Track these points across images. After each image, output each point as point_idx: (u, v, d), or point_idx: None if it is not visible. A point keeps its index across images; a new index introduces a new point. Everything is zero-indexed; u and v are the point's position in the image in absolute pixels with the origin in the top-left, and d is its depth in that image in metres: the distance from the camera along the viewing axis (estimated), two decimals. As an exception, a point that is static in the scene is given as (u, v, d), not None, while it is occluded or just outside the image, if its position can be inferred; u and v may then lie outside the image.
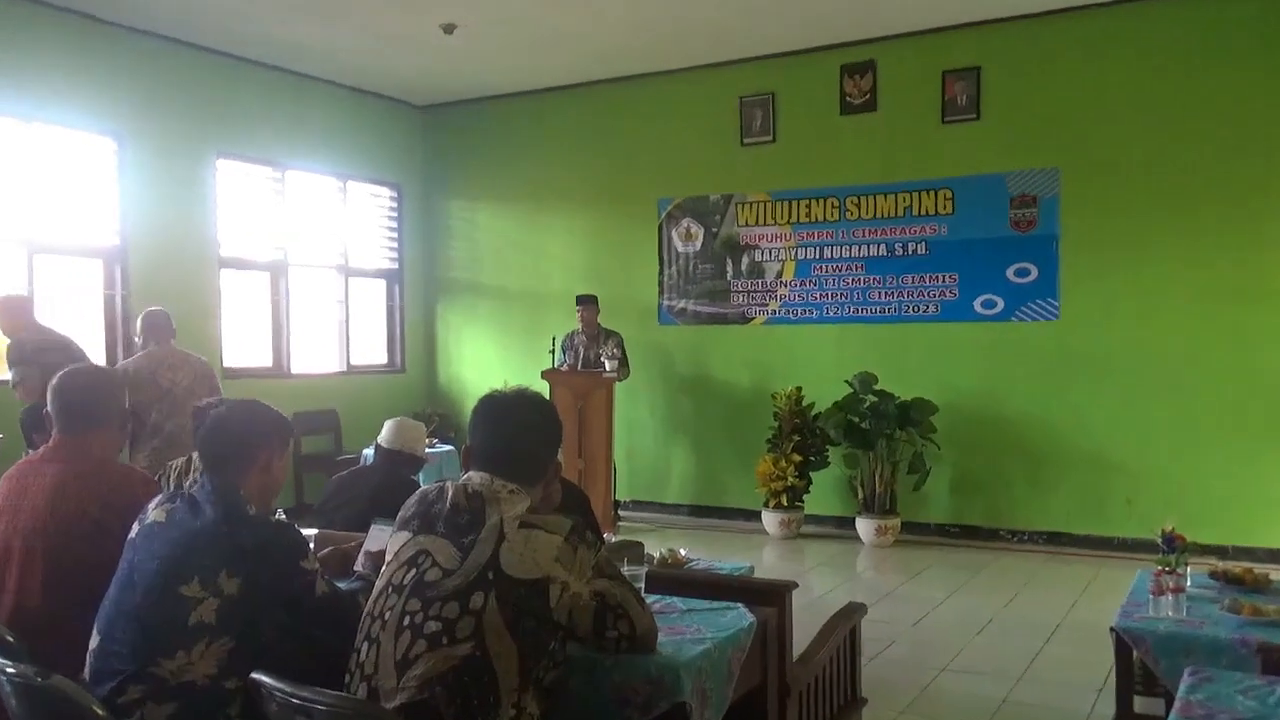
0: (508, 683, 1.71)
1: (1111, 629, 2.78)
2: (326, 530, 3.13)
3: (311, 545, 2.16)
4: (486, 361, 8.61)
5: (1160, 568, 2.89)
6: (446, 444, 7.43)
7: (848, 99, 7.15)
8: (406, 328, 8.80)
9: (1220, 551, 5.83)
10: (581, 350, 7.09)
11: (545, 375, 6.87)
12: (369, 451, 6.71)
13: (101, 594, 2.06)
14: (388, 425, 3.78)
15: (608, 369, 6.86)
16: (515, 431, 1.93)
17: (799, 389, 7.02)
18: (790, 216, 7.43)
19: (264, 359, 7.49)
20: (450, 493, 1.89)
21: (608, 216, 8.10)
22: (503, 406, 1.97)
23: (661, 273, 7.89)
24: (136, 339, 5.20)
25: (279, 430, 2.23)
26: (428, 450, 4.23)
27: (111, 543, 2.15)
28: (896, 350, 7.07)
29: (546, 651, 1.77)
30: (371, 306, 8.67)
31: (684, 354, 7.84)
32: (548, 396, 6.43)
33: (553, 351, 7.12)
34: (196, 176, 7.05)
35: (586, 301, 7.15)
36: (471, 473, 1.92)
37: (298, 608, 2.02)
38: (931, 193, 6.96)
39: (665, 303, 7.87)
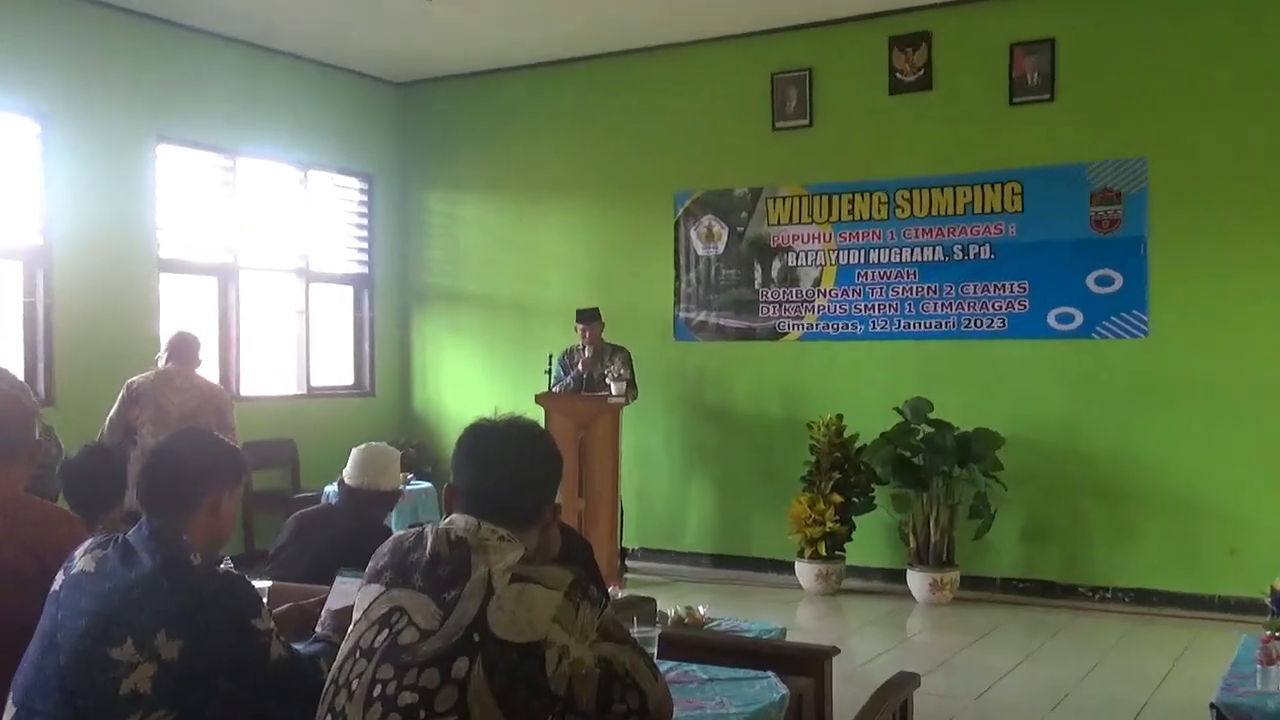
0: (496, 764, 1.69)
1: (1211, 705, 2.75)
2: (283, 583, 3.16)
3: (265, 601, 2.14)
4: (471, 383, 8.69)
5: (1269, 632, 2.89)
6: (424, 480, 7.52)
7: (898, 76, 7.20)
8: (377, 343, 8.86)
9: (1342, 613, 5.85)
10: (583, 370, 7.15)
11: (540, 399, 6.93)
12: (332, 489, 6.68)
13: (17, 656, 2.04)
14: (354, 457, 3.80)
15: (613, 392, 6.86)
16: (507, 468, 1.93)
17: (840, 417, 7.04)
18: (830, 214, 7.49)
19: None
20: (430, 539, 1.89)
21: (615, 213, 8.17)
22: (492, 438, 1.97)
23: (678, 279, 7.97)
24: (157, 359, 5.64)
25: (230, 465, 2.23)
26: (402, 487, 4.27)
27: (30, 594, 2.13)
28: (955, 372, 7.11)
29: (542, 728, 1.75)
30: (336, 318, 8.77)
31: (704, 375, 7.89)
32: (543, 424, 6.34)
33: (549, 371, 7.13)
34: (133, 165, 7.08)
35: (588, 318, 7.23)
36: (455, 516, 1.93)
37: (249, 675, 2.01)
38: (997, 186, 7.00)
39: (682, 315, 7.95)
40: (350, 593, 2.31)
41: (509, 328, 8.54)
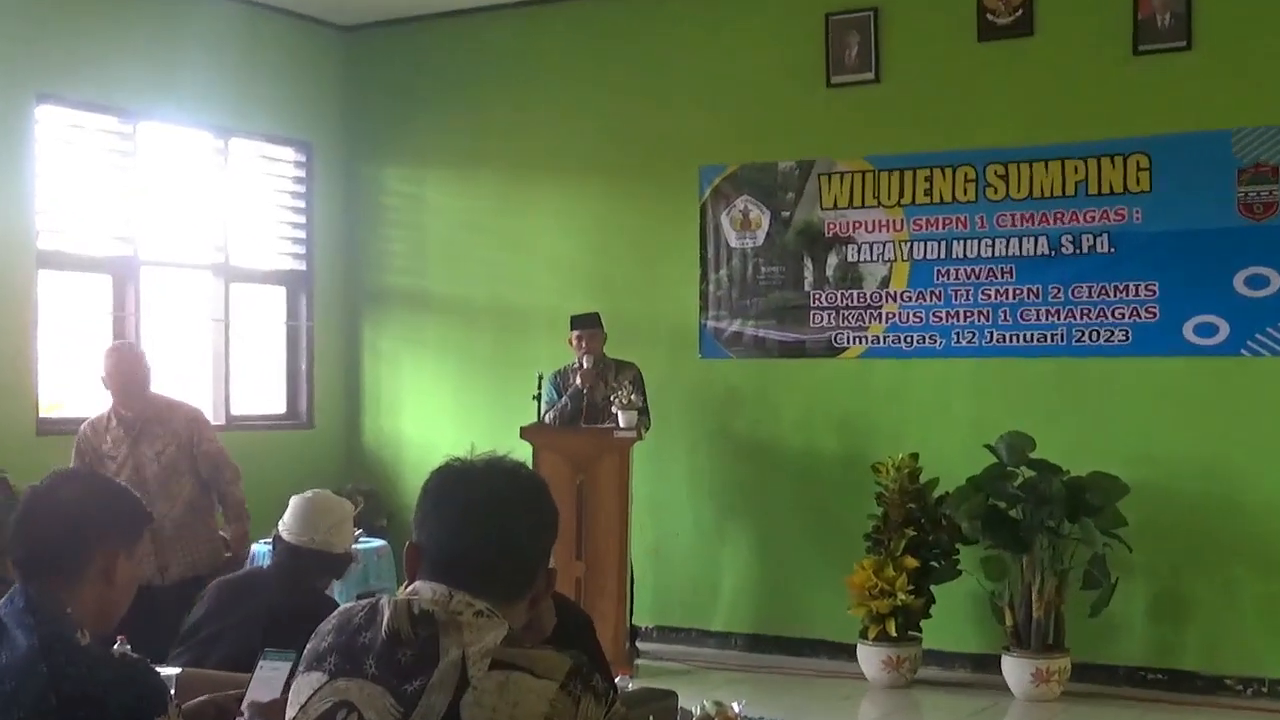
0: None
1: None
2: (197, 670, 3.18)
3: (173, 693, 2.17)
4: (437, 410, 8.71)
5: None
6: (376, 538, 7.60)
7: (989, 17, 7.24)
8: (317, 360, 8.86)
9: None
10: (582, 388, 7.22)
11: (527, 433, 6.99)
12: (261, 548, 6.70)
13: None
14: (297, 508, 3.85)
15: (621, 423, 6.92)
16: (487, 523, 1.96)
17: (914, 458, 7.05)
18: (901, 195, 7.50)
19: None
20: (386, 614, 1.90)
21: (624, 194, 8.21)
22: (468, 485, 1.99)
23: (705, 280, 8.00)
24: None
25: (128, 519, 2.24)
26: (352, 546, 4.26)
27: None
28: (1064, 400, 7.11)
29: None
30: (265, 328, 8.82)
31: (739, 402, 7.91)
32: (531, 466, 6.40)
33: (538, 397, 7.20)
34: (4, 131, 7.11)
35: (585, 324, 7.33)
36: (420, 584, 1.95)
37: (151, 790, 2.02)
38: (1118, 159, 7.02)
39: (710, 324, 7.98)
40: (277, 681, 2.33)
41: (487, 341, 8.56)
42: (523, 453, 6.60)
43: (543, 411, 7.20)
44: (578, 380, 7.23)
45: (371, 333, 9.04)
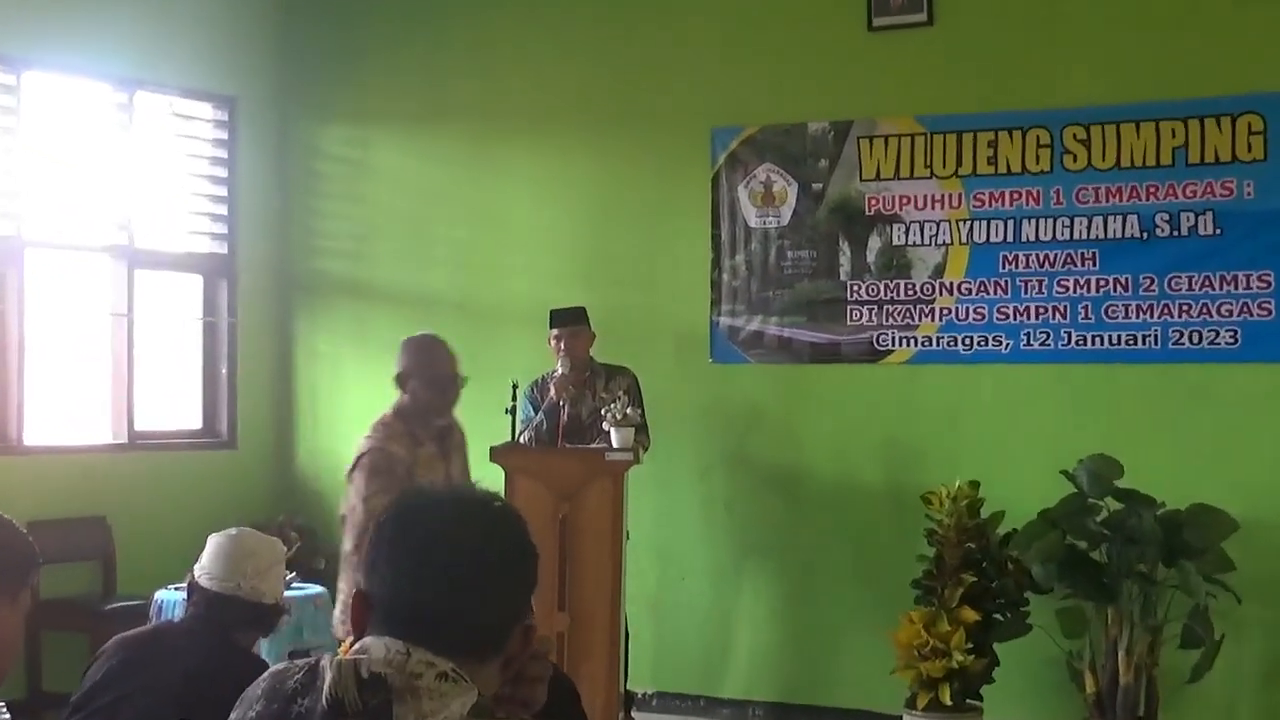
0: None
1: None
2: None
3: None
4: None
5: None
6: (312, 583, 7.59)
7: (1066, -53, 7.37)
8: (241, 363, 8.86)
9: None
10: (560, 403, 7.24)
11: (498, 455, 7.00)
12: (170, 595, 6.67)
13: None
14: (217, 548, 3.86)
15: (615, 442, 6.93)
16: (453, 569, 1.99)
17: (975, 486, 7.01)
18: (960, 163, 7.53)
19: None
20: (329, 678, 1.90)
21: (618, 161, 8.24)
22: (431, 522, 2.02)
23: (717, 266, 8.04)
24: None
25: (16, 560, 2.25)
26: (284, 595, 4.25)
27: None
28: (1159, 415, 7.13)
29: None
30: (177, 323, 8.86)
31: (759, 417, 7.95)
32: (505, 495, 6.35)
33: (512, 410, 7.18)
34: None
35: (567, 320, 7.39)
36: (370, 640, 1.96)
37: None
38: (1225, 121, 7.02)
39: (724, 321, 8.03)
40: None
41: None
42: (494, 479, 6.63)
43: (518, 430, 7.21)
44: (555, 394, 7.27)
45: (308, 331, 9.04)
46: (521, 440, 7.20)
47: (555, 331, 7.33)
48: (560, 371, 7.25)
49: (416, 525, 2.01)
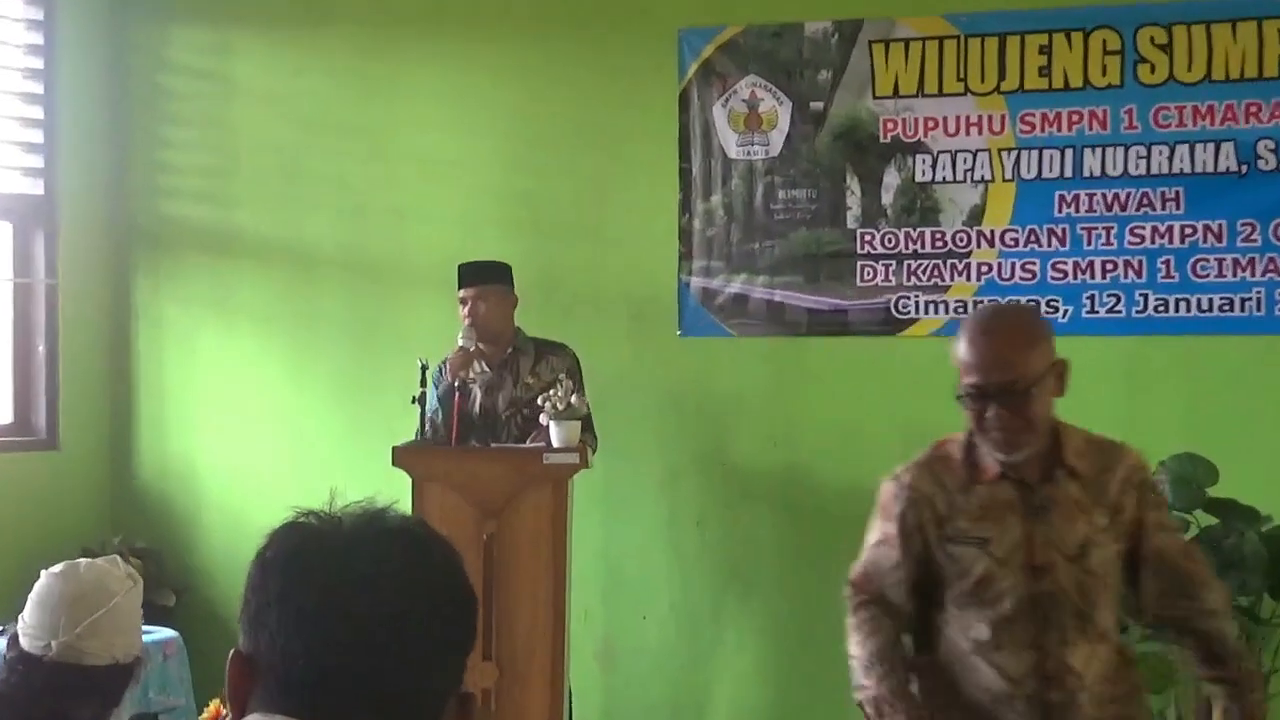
0: None
1: None
2: None
3: None
4: (259, 420, 8.83)
5: None
6: (158, 625, 7.58)
7: None
8: (64, 338, 8.82)
9: None
10: (471, 393, 7.36)
11: (402, 458, 7.10)
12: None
13: None
14: (47, 593, 3.90)
15: (555, 440, 6.99)
16: (373, 625, 2.02)
17: (1026, 495, 7.01)
18: (1003, 75, 7.54)
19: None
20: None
21: (556, 70, 8.29)
22: (338, 561, 2.05)
23: (688, 209, 8.04)
24: None
25: None
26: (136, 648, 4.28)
27: None
28: (1264, 404, 7.22)
29: None
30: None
31: (743, 408, 8.00)
32: (412, 509, 6.84)
33: (420, 399, 7.26)
34: None
35: (478, 278, 7.47)
36: (257, 718, 1.98)
37: None
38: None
39: (697, 282, 8.04)
40: None
41: (339, 309, 8.63)
42: (397, 488, 6.67)
43: (424, 422, 7.34)
44: (448, 373, 7.35)
45: (151, 296, 8.99)
46: (427, 437, 7.33)
47: (461, 293, 7.40)
48: (461, 345, 7.28)
49: (319, 568, 2.04)
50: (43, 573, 3.94)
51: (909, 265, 7.64)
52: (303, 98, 8.72)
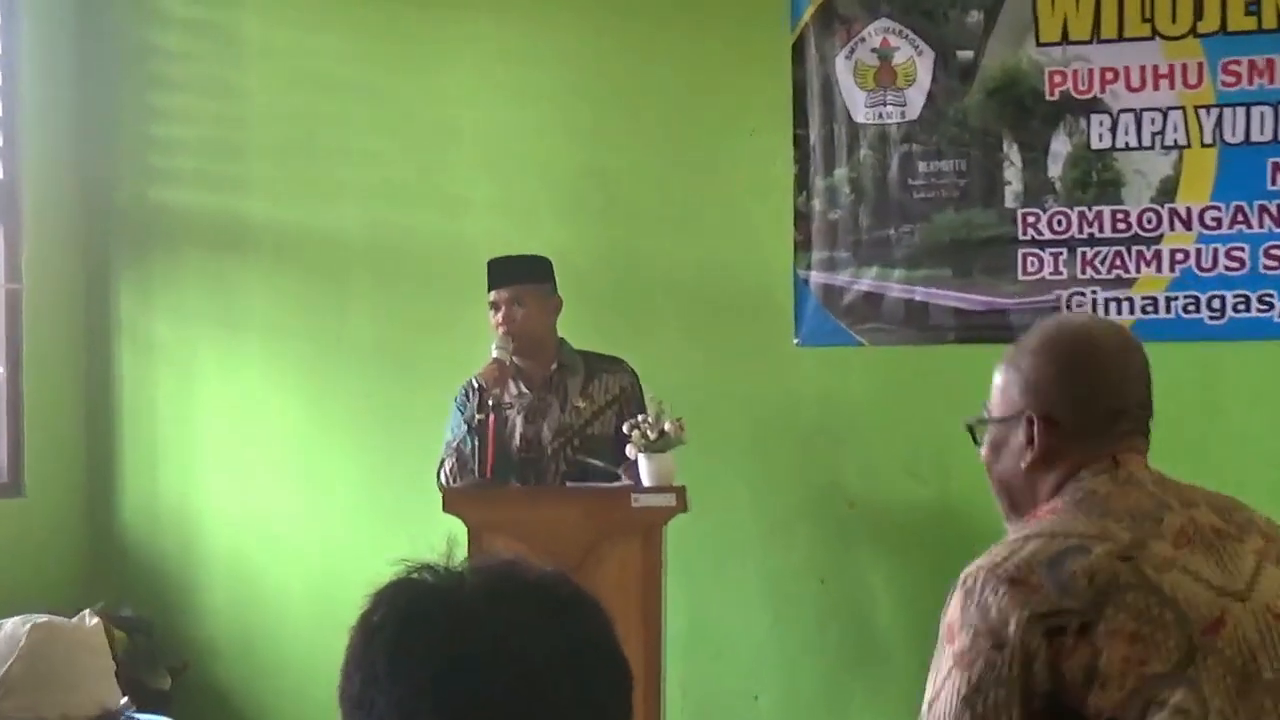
0: None
1: None
2: None
3: None
4: (274, 456, 8.81)
5: None
6: (150, 714, 7.58)
7: None
8: (29, 359, 8.80)
9: None
10: (491, 416, 7.26)
11: (454, 501, 7.10)
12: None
13: None
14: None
15: (647, 477, 6.93)
16: (510, 705, 2.03)
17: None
18: (1200, 13, 7.47)
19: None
20: None
21: (630, 23, 8.30)
22: (461, 628, 2.07)
23: (804, 186, 7.99)
24: None
25: None
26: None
27: None
28: None
29: None
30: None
31: (877, 431, 7.98)
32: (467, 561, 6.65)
33: (474, 427, 7.21)
34: None
35: (512, 276, 7.53)
36: None
37: None
38: None
39: (816, 276, 8.02)
40: None
41: (371, 321, 8.63)
42: (447, 527, 6.69)
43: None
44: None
45: (139, 305, 8.97)
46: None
47: (492, 295, 7.42)
48: (494, 356, 7.28)
49: (434, 632, 2.08)
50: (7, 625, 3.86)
51: (1084, 253, 7.58)
52: (324, 57, 8.69)
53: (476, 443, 7.18)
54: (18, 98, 8.74)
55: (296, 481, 8.64)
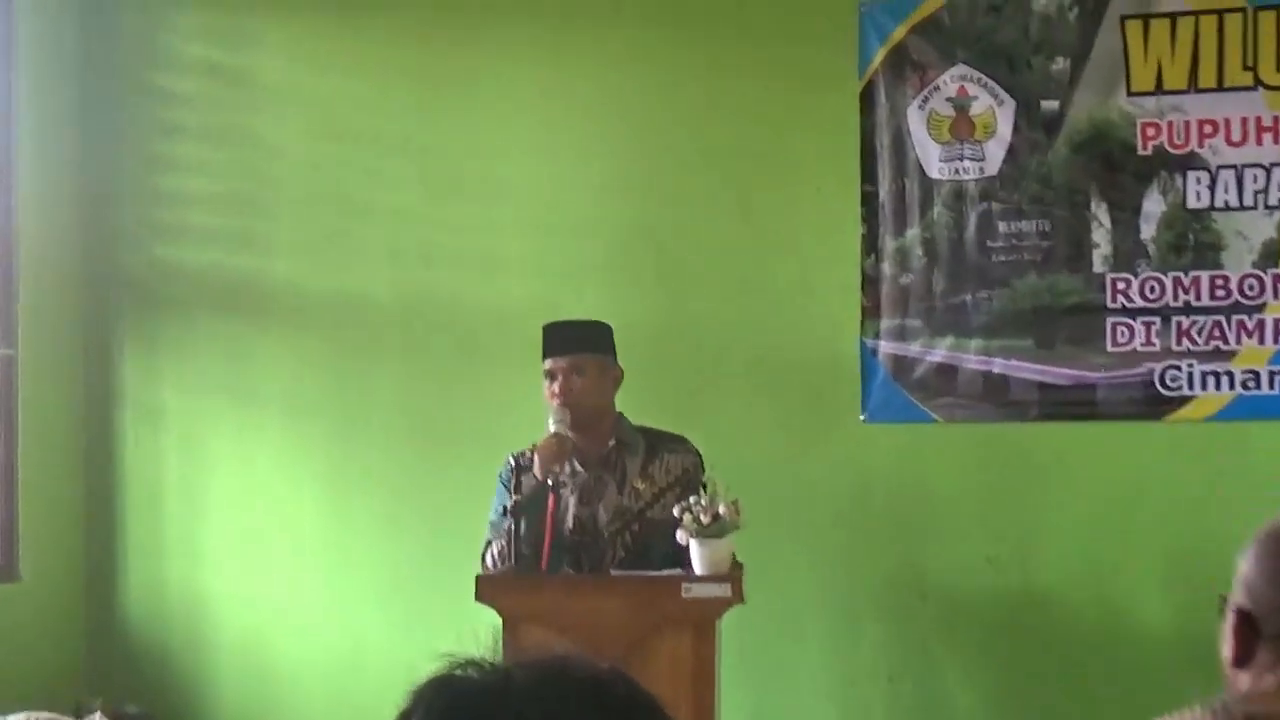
0: None
1: None
2: None
3: None
4: (288, 541, 8.75)
5: None
6: None
7: None
8: (22, 429, 8.79)
9: None
10: (562, 496, 7.26)
11: (487, 590, 7.07)
12: None
13: None
14: None
15: (699, 564, 6.86)
16: None
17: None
18: None
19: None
20: None
21: (688, 67, 8.28)
22: None
23: (873, 247, 8.04)
24: None
25: None
26: None
27: None
28: None
29: None
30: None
31: (952, 516, 7.96)
32: (502, 655, 6.68)
33: (513, 511, 7.08)
34: None
35: (571, 345, 7.48)
36: None
37: None
38: None
39: (885, 346, 8.05)
40: None
41: (400, 391, 8.63)
42: (469, 622, 5.87)
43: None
44: (537, 469, 7.23)
45: (141, 374, 9.00)
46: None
47: (549, 363, 7.32)
48: (552, 430, 7.21)
49: None
50: None
51: (1179, 323, 7.57)
52: (351, 103, 8.74)
53: (523, 524, 7.07)
54: (12, 143, 8.73)
55: (316, 568, 8.59)
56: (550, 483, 7.06)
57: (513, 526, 7.08)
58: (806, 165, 8.04)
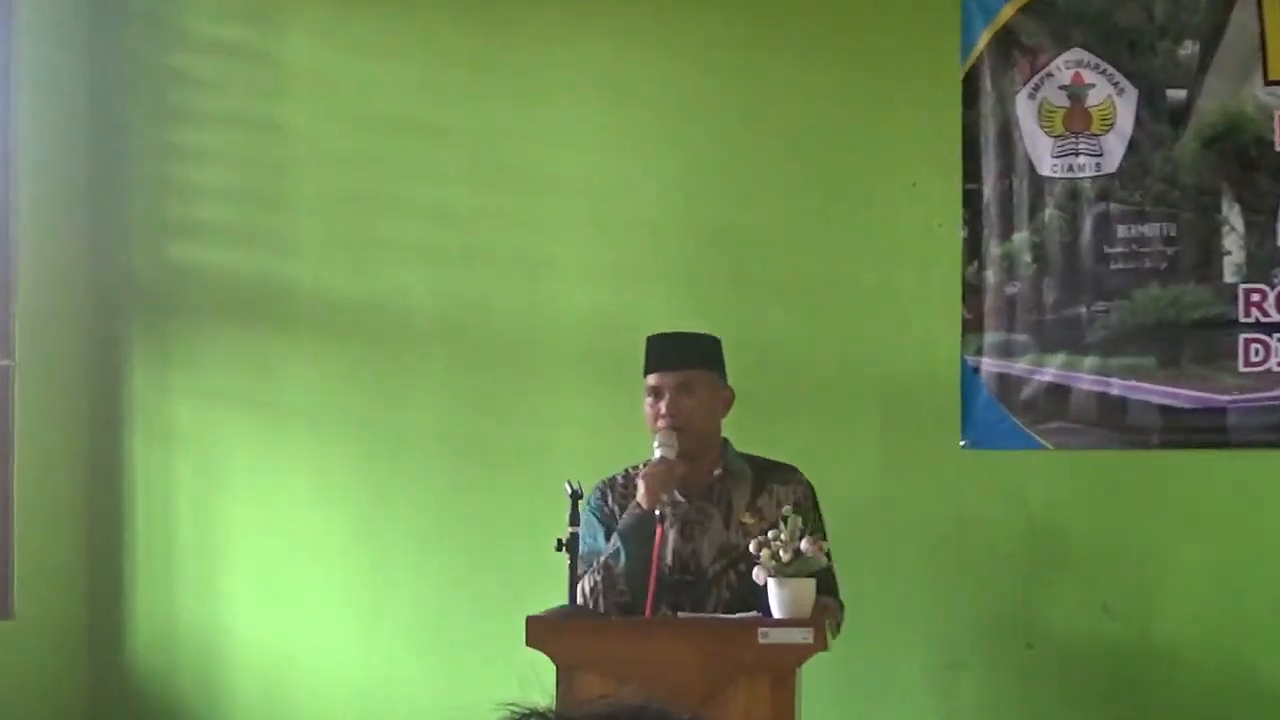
0: None
1: None
2: None
3: None
4: (315, 575, 8.69)
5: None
6: None
7: None
8: (20, 447, 8.69)
9: None
10: (668, 528, 7.10)
11: (538, 634, 6.87)
12: None
13: None
14: None
15: (778, 608, 6.66)
16: None
17: None
18: None
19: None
20: None
21: (769, 50, 8.23)
22: None
23: (976, 254, 7.99)
24: None
25: None
26: None
27: None
28: None
29: None
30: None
31: (1065, 553, 7.89)
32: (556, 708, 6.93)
33: (568, 544, 6.87)
34: None
35: (680, 359, 7.34)
36: None
37: None
38: None
39: (989, 363, 7.98)
40: None
41: (439, 408, 8.55)
42: (535, 677, 6.32)
43: (577, 579, 6.98)
44: (642, 497, 7.06)
45: (152, 386, 8.90)
46: (582, 599, 7.06)
47: (653, 379, 7.17)
48: (659, 454, 7.02)
49: None
50: None
51: None
52: (385, 89, 8.68)
53: (621, 559, 6.99)
54: (12, 133, 8.66)
55: (345, 605, 8.50)
56: (659, 513, 6.89)
57: (617, 561, 7.04)
58: (902, 161, 7.96)
